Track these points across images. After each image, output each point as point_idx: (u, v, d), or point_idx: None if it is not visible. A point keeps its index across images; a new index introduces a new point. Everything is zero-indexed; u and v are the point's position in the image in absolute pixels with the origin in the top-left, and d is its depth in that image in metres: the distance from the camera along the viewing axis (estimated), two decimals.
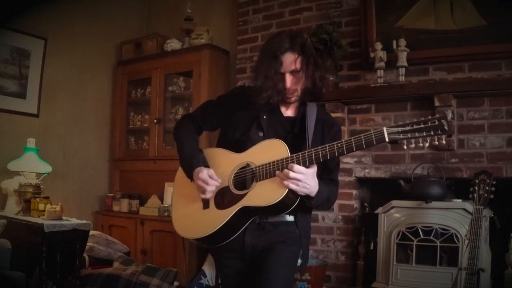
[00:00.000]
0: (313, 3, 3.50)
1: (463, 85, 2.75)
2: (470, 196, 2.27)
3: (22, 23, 3.62)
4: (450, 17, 2.93)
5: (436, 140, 1.45)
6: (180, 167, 1.87)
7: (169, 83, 4.11)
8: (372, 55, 3.06)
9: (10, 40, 3.60)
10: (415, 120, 1.48)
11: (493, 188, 2.22)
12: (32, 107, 3.76)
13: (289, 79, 1.72)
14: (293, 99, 1.77)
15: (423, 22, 3.00)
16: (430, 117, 1.46)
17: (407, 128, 1.47)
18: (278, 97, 1.74)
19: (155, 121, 4.02)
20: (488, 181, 2.24)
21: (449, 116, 2.80)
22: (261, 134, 1.77)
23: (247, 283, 1.72)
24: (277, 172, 1.61)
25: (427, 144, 1.47)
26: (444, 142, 1.47)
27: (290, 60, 1.71)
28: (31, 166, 3.33)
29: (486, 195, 2.21)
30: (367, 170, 3.15)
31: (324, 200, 1.70)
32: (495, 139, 2.75)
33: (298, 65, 1.72)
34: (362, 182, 3.26)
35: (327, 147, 1.57)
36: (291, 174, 1.56)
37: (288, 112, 1.83)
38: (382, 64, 3.00)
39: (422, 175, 2.88)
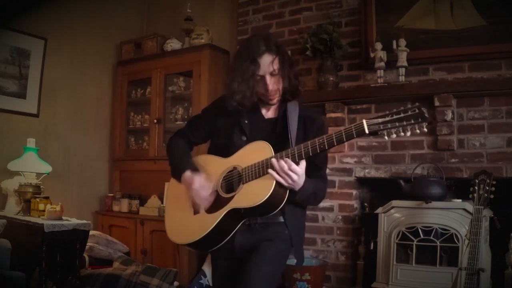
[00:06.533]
0: (313, 3, 3.50)
1: (463, 85, 2.75)
2: (470, 196, 2.26)
3: (22, 23, 3.62)
4: (450, 17, 2.93)
5: (417, 128, 1.44)
6: (171, 178, 1.94)
7: (169, 83, 4.11)
8: (372, 55, 3.05)
9: (10, 40, 3.60)
10: (394, 110, 1.47)
11: (493, 188, 2.22)
12: (32, 107, 3.76)
13: (270, 81, 1.75)
14: (275, 100, 1.80)
15: (423, 22, 3.00)
16: (409, 106, 1.45)
17: (387, 118, 1.46)
18: (252, 100, 1.77)
19: (155, 121, 4.02)
20: (488, 181, 2.23)
21: (449, 116, 2.80)
22: (244, 138, 1.81)
23: (236, 283, 1.72)
24: (269, 170, 1.61)
25: (408, 134, 1.45)
26: (425, 130, 1.45)
27: (268, 62, 1.73)
28: (31, 166, 3.33)
29: (486, 195, 2.21)
30: (367, 170, 3.15)
31: (309, 195, 1.72)
32: (495, 139, 2.75)
33: (276, 66, 1.74)
34: (362, 182, 3.26)
35: (309, 144, 1.58)
36: (285, 169, 1.57)
37: (269, 113, 1.87)
38: (382, 64, 3.00)
39: (422, 175, 2.88)
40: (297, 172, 1.57)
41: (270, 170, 1.60)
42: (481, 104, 2.81)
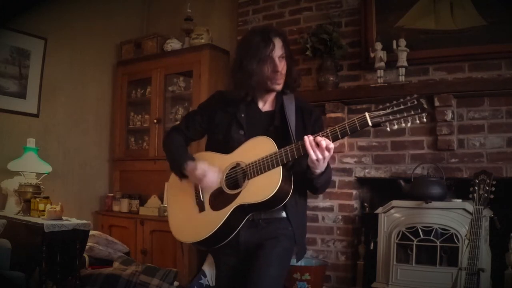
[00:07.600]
0: (313, 3, 3.50)
1: (463, 85, 2.75)
2: (470, 196, 2.26)
3: (22, 23, 3.62)
4: (450, 17, 2.93)
5: (417, 119, 1.50)
6: (171, 176, 1.93)
7: (169, 83, 4.11)
8: (372, 55, 3.06)
9: (10, 40, 3.60)
10: (394, 102, 1.52)
11: (493, 188, 2.22)
12: (32, 107, 3.76)
13: (280, 63, 1.76)
14: (281, 85, 1.80)
15: (423, 22, 3.00)
16: (408, 97, 1.52)
17: (388, 110, 1.52)
18: (268, 83, 1.77)
19: (155, 121, 4.02)
20: (488, 181, 2.23)
21: (449, 116, 2.80)
22: (241, 132, 1.80)
23: (240, 280, 1.72)
24: (305, 137, 1.59)
25: (409, 124, 1.51)
26: (425, 120, 1.51)
27: (280, 45, 1.76)
28: (31, 166, 3.33)
29: (486, 195, 2.21)
30: (367, 170, 3.15)
31: (328, 179, 1.73)
32: (495, 139, 2.75)
33: (284, 50, 1.77)
34: (362, 182, 3.26)
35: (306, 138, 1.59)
36: (323, 144, 1.55)
37: (266, 107, 1.86)
38: (382, 64, 3.00)
39: (422, 175, 2.88)
40: (331, 148, 1.57)
41: (305, 142, 1.57)
42: (481, 104, 2.81)
